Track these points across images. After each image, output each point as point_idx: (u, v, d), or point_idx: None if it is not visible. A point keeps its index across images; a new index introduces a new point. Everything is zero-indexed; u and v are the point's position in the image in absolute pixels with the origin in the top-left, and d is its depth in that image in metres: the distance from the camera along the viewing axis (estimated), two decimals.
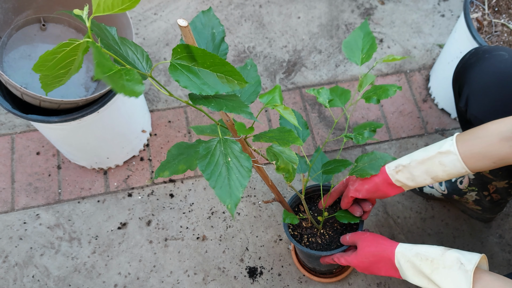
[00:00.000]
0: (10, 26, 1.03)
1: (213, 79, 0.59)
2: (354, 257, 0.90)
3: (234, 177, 0.62)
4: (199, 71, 0.59)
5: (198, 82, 0.58)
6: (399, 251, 0.83)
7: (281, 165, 0.76)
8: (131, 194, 1.25)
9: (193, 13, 1.51)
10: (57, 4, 1.05)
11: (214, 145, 0.63)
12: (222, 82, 0.59)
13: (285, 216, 0.95)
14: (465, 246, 1.21)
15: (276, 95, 0.69)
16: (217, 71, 0.59)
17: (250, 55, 1.45)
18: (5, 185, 1.25)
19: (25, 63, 1.04)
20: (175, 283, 1.15)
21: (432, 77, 1.41)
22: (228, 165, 0.62)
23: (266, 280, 1.16)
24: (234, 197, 0.61)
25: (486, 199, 1.11)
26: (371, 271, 0.88)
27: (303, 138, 0.95)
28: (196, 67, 0.58)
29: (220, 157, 0.63)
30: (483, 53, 0.92)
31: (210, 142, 0.64)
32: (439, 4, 1.56)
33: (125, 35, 1.03)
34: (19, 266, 1.16)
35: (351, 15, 1.53)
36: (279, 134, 0.71)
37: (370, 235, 0.91)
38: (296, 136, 0.70)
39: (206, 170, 0.62)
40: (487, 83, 0.88)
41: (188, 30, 0.55)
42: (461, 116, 0.98)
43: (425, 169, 0.82)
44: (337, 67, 1.45)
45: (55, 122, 0.96)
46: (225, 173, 0.62)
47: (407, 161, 0.84)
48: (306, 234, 1.02)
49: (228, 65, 0.58)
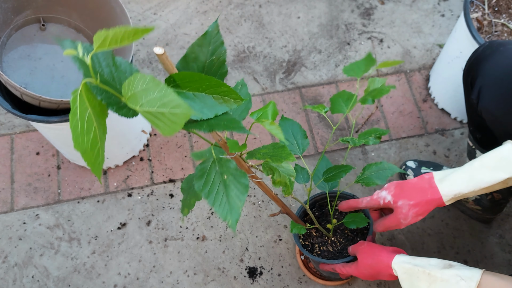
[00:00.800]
0: (10, 26, 1.02)
1: (210, 101, 0.59)
2: (355, 269, 0.90)
3: (232, 194, 0.62)
4: (194, 95, 0.58)
5: (197, 107, 0.58)
6: (396, 263, 0.81)
7: (277, 178, 0.75)
8: (130, 194, 1.25)
9: (193, 13, 1.51)
10: (57, 4, 1.05)
11: (209, 165, 0.64)
12: (219, 103, 0.59)
13: (292, 226, 0.94)
14: (465, 246, 1.21)
15: (269, 111, 0.69)
16: (213, 92, 0.58)
17: (250, 55, 1.45)
18: (4, 185, 1.25)
19: (24, 63, 1.04)
20: (175, 283, 1.15)
21: (432, 77, 1.41)
22: (225, 182, 0.63)
23: (266, 280, 1.15)
24: (234, 214, 0.62)
25: (487, 198, 1.11)
26: (374, 279, 0.88)
27: (302, 149, 0.93)
28: (191, 92, 0.58)
29: (216, 176, 0.63)
30: (497, 46, 0.90)
31: (205, 163, 0.64)
32: (439, 4, 1.56)
33: None
34: (18, 266, 1.16)
35: (351, 15, 1.53)
36: (272, 150, 0.71)
37: (367, 246, 0.89)
38: (289, 152, 0.69)
39: (204, 190, 0.62)
40: (500, 76, 0.87)
41: (166, 57, 0.53)
42: (471, 109, 0.97)
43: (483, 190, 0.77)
44: (337, 67, 1.45)
45: (54, 122, 0.96)
46: (222, 190, 0.62)
47: (469, 189, 0.77)
48: (317, 243, 1.01)
49: (224, 85, 0.58)
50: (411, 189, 0.82)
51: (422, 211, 0.82)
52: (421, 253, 1.20)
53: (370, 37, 1.50)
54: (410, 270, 0.78)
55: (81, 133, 0.48)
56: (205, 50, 0.61)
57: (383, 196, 0.85)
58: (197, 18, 1.51)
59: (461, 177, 0.78)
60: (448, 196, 0.79)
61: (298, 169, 0.96)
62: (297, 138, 0.94)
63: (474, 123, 0.99)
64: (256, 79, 1.42)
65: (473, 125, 1.01)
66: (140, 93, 0.48)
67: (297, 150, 0.93)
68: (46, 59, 1.06)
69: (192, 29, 1.49)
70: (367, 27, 1.51)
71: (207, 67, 0.62)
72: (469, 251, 1.20)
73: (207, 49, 0.61)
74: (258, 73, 1.43)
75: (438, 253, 1.20)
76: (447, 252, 1.20)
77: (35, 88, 1.03)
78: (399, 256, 0.83)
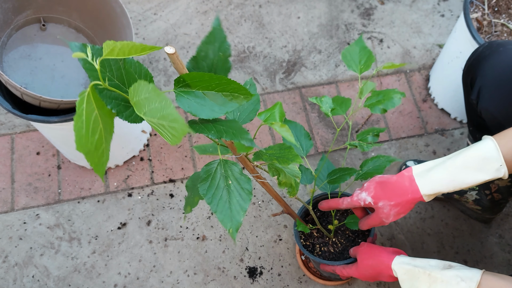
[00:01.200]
0: (10, 26, 1.03)
1: (220, 99, 0.58)
2: (355, 270, 0.90)
3: (234, 201, 0.62)
4: (204, 94, 0.58)
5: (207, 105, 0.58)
6: (396, 264, 0.81)
7: (283, 179, 0.75)
8: (131, 194, 1.25)
9: (193, 13, 1.52)
10: (57, 4, 1.05)
11: (215, 167, 0.63)
12: (229, 100, 0.59)
13: (298, 223, 0.95)
14: (464, 246, 1.21)
15: (276, 112, 0.68)
16: (222, 90, 0.58)
17: (250, 55, 1.45)
18: (5, 185, 1.25)
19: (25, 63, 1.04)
20: (175, 283, 1.15)
21: (432, 77, 1.41)
22: (229, 188, 0.62)
23: (266, 280, 1.16)
24: (235, 222, 0.61)
25: (487, 198, 1.11)
26: (375, 280, 0.88)
27: (306, 150, 0.94)
28: (201, 91, 0.58)
29: (221, 180, 0.63)
30: (497, 46, 0.90)
31: (211, 164, 0.64)
32: (439, 4, 1.56)
33: (125, 35, 1.03)
34: (19, 266, 1.16)
35: (351, 15, 1.53)
36: (279, 152, 0.70)
37: (367, 247, 0.89)
38: (295, 154, 0.69)
39: (207, 194, 0.62)
40: (500, 76, 0.87)
41: (176, 56, 0.54)
42: (471, 109, 0.97)
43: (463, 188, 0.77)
44: (337, 67, 1.45)
45: (55, 122, 0.96)
46: (226, 196, 0.62)
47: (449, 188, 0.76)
48: (318, 244, 1.01)
49: (233, 82, 0.58)
50: (391, 189, 0.81)
51: (403, 210, 0.81)
52: (421, 253, 1.20)
53: (370, 37, 1.50)
54: (410, 271, 0.78)
55: (85, 134, 0.48)
56: (213, 47, 0.62)
57: (363, 198, 0.84)
58: (197, 18, 1.51)
59: (442, 177, 0.76)
60: (429, 195, 0.78)
61: (302, 169, 0.97)
62: (300, 140, 0.95)
63: (473, 123, 1.00)
64: (256, 79, 1.42)
65: (472, 125, 1.01)
66: (143, 101, 0.49)
67: (301, 151, 0.94)
68: (46, 59, 1.06)
69: (192, 29, 1.49)
70: (367, 27, 1.52)
71: (215, 63, 0.62)
72: (469, 251, 1.20)
73: (215, 46, 0.62)
74: (258, 73, 1.43)
75: (437, 253, 1.20)
76: (446, 252, 1.20)
77: (35, 88, 1.03)
78: (399, 257, 0.83)
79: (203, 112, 0.58)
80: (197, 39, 1.47)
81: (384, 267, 0.83)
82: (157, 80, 1.40)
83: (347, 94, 1.41)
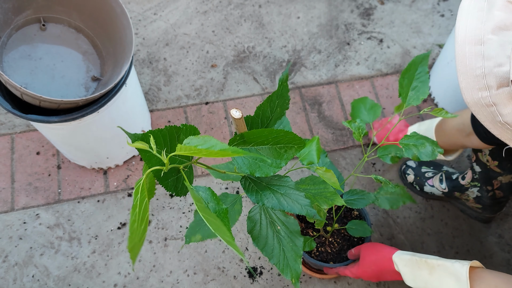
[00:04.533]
0: (10, 26, 1.03)
1: (274, 153, 0.55)
2: (358, 268, 0.93)
3: (288, 247, 0.59)
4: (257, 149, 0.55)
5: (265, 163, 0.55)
6: (396, 256, 0.86)
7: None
8: (131, 194, 1.25)
9: (193, 13, 1.52)
10: (57, 4, 1.05)
11: (258, 212, 0.60)
12: (283, 152, 0.55)
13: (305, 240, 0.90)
14: (464, 245, 1.21)
15: (313, 150, 0.63)
16: (277, 143, 0.55)
17: (249, 55, 1.46)
18: (5, 185, 1.25)
19: (25, 63, 1.04)
20: (175, 283, 1.15)
21: (432, 77, 1.41)
22: (279, 234, 0.59)
23: (266, 280, 1.16)
24: (294, 272, 0.58)
25: (488, 195, 1.11)
26: (378, 279, 0.90)
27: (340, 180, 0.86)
28: (254, 147, 0.55)
29: (269, 228, 0.59)
30: None
31: (253, 211, 0.60)
32: (439, 4, 1.56)
33: (125, 36, 1.03)
34: (19, 265, 1.16)
35: (351, 15, 1.53)
36: (313, 186, 0.66)
37: (370, 244, 0.93)
38: (334, 193, 0.64)
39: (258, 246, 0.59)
40: None
41: (242, 121, 0.51)
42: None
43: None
44: (337, 67, 1.45)
45: (55, 122, 0.96)
46: (278, 246, 0.59)
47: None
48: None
49: (290, 133, 0.54)
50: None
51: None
52: (421, 253, 1.20)
53: (369, 37, 1.50)
54: (410, 261, 0.82)
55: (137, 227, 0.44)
56: (272, 105, 0.59)
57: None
58: (197, 18, 1.51)
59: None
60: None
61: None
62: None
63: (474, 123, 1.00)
64: (256, 79, 1.42)
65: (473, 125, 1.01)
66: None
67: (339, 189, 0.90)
68: (46, 59, 1.06)
69: (192, 29, 1.49)
70: (366, 27, 1.52)
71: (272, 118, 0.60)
72: (469, 251, 1.21)
73: (274, 104, 0.59)
74: (258, 73, 1.43)
75: (437, 253, 1.20)
76: (446, 251, 1.20)
77: (35, 88, 1.03)
78: (400, 251, 0.87)
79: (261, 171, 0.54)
80: (196, 39, 1.47)
81: (386, 261, 0.87)
82: (157, 80, 1.40)
83: (346, 94, 1.41)
